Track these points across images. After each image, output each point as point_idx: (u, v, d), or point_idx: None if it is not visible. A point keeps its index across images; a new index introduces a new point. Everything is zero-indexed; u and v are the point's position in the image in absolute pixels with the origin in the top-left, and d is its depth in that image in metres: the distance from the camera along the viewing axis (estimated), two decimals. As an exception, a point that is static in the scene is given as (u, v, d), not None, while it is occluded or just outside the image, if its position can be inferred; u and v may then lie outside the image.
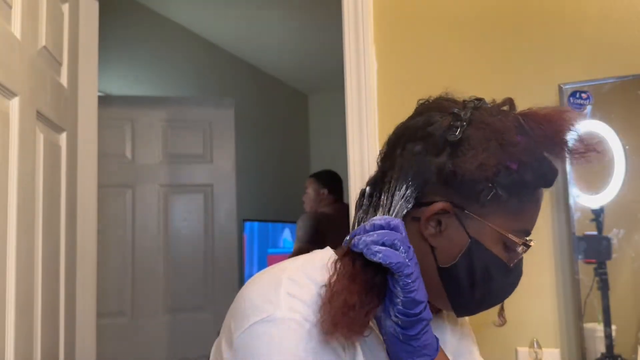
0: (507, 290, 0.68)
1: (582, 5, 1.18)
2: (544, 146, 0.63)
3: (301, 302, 0.57)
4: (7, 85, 0.94)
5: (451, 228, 0.63)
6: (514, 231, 0.63)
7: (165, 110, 2.64)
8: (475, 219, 0.62)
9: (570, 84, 1.15)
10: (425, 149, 0.63)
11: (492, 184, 0.60)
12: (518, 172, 0.61)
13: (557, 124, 0.63)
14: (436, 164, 0.62)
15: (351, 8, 1.33)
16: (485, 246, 0.62)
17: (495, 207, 0.62)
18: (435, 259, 0.63)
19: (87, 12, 1.52)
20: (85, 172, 1.49)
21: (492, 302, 0.68)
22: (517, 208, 0.63)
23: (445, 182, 0.62)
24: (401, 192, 0.63)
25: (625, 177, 1.11)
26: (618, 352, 1.08)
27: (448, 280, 0.64)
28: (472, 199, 0.61)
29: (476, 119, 0.63)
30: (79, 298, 1.42)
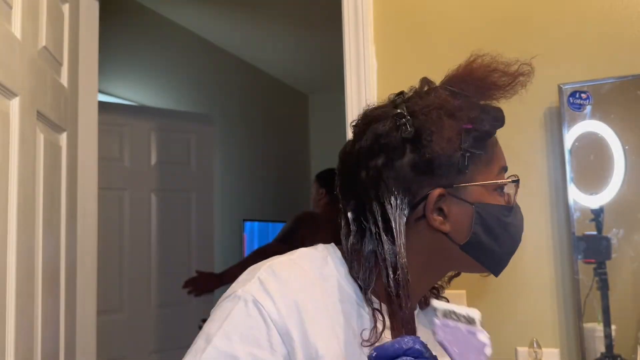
0: (520, 227, 0.71)
1: (582, 5, 1.18)
2: (479, 96, 0.68)
3: (265, 289, 0.61)
4: (7, 85, 0.95)
5: (453, 207, 0.66)
6: (498, 175, 0.69)
7: (153, 120, 2.73)
8: (466, 187, 0.66)
9: (570, 84, 1.15)
10: (389, 157, 0.66)
11: (462, 151, 0.65)
12: (475, 129, 0.66)
13: (477, 73, 0.68)
14: (407, 164, 0.65)
15: (351, 8, 1.33)
16: (487, 203, 0.67)
17: (473, 167, 0.66)
18: (453, 242, 0.67)
19: (87, 12, 1.52)
20: (85, 172, 1.49)
21: (515, 245, 0.71)
22: (489, 156, 0.68)
23: (424, 173, 0.65)
24: (393, 205, 0.65)
25: (625, 177, 1.11)
26: (618, 352, 1.09)
27: (474, 250, 0.67)
28: (453, 172, 0.65)
29: (414, 109, 0.66)
30: (79, 298, 1.42)
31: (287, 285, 0.63)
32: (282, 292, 0.62)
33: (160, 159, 2.78)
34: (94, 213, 1.54)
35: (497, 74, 0.68)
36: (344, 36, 1.34)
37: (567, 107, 1.15)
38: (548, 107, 1.19)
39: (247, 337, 0.59)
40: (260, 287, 0.62)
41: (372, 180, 0.66)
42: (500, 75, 0.68)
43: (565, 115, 1.15)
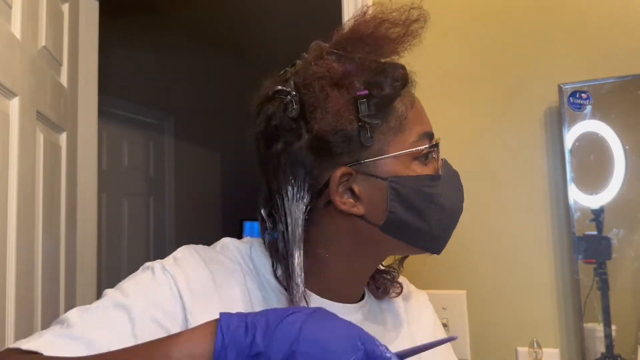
0: (454, 196, 0.63)
1: (582, 5, 1.18)
2: (372, 54, 0.59)
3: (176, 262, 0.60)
4: (7, 85, 0.95)
5: (364, 186, 0.58)
6: (415, 142, 0.59)
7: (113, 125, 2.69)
8: (375, 162, 0.57)
9: (570, 83, 1.15)
10: (285, 142, 0.58)
11: (359, 122, 0.56)
12: (373, 94, 0.57)
13: (364, 28, 0.59)
14: (303, 146, 0.57)
15: (351, 8, 1.33)
16: (403, 175, 0.58)
17: (381, 137, 0.58)
18: (371, 224, 0.59)
19: (87, 12, 1.52)
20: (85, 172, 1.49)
21: (450, 217, 0.62)
22: (399, 122, 0.59)
23: (322, 154, 0.57)
24: (289, 196, 0.58)
25: (625, 177, 1.11)
26: (618, 352, 1.09)
27: (396, 230, 0.59)
28: (356, 148, 0.57)
29: (298, 82, 0.58)
30: (79, 298, 1.42)
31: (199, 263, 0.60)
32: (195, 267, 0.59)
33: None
34: (93, 213, 1.54)
35: (386, 26, 0.59)
36: (344, 36, 1.34)
37: (567, 107, 1.15)
38: (548, 107, 1.19)
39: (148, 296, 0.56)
40: (173, 261, 0.60)
41: (271, 167, 0.60)
42: (390, 26, 0.59)
43: (566, 115, 1.15)
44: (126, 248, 2.69)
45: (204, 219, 3.35)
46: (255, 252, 0.66)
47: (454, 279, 1.23)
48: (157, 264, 0.59)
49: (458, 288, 1.22)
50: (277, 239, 0.60)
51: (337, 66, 0.57)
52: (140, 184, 2.85)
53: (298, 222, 0.57)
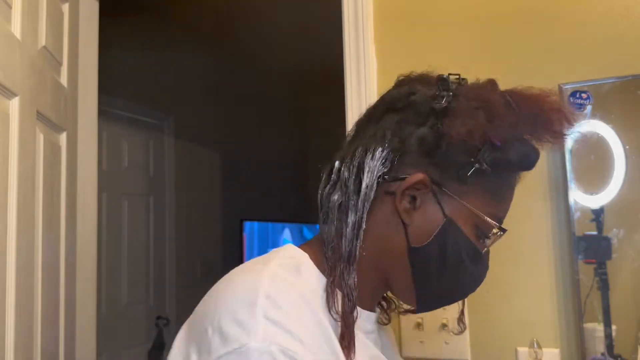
0: (473, 281, 0.64)
1: (582, 5, 1.18)
2: (528, 125, 0.59)
3: (281, 328, 0.49)
4: (7, 85, 0.94)
5: (427, 204, 0.59)
6: (489, 214, 0.60)
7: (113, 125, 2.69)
8: (452, 198, 0.58)
9: (570, 83, 1.15)
10: (406, 118, 0.59)
11: (474, 159, 0.57)
12: (502, 150, 0.57)
13: (542, 103, 0.60)
14: (418, 134, 0.58)
15: (351, 8, 1.33)
16: (460, 227, 0.59)
17: (474, 186, 0.59)
18: (407, 238, 0.59)
19: (87, 12, 1.52)
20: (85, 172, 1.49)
21: (456, 294, 0.64)
22: (496, 190, 0.60)
23: (426, 154, 0.58)
24: (376, 155, 0.58)
25: (625, 177, 1.11)
26: (618, 352, 1.08)
27: (418, 262, 0.59)
28: (451, 174, 0.58)
29: (462, 91, 0.60)
30: (79, 298, 1.42)
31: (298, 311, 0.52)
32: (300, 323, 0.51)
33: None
34: (93, 213, 1.54)
35: (558, 117, 0.59)
36: (344, 36, 1.34)
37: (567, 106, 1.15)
38: (548, 107, 1.19)
39: None
40: (277, 328, 0.49)
41: (374, 129, 0.60)
42: (562, 120, 0.59)
43: (566, 115, 1.15)
44: (126, 248, 2.68)
45: (204, 219, 3.34)
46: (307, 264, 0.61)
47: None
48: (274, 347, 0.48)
49: (458, 288, 1.22)
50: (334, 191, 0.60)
51: (500, 105, 0.59)
52: (140, 184, 2.85)
53: (374, 183, 0.58)
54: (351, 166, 0.59)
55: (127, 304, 2.66)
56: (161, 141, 3.02)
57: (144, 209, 2.85)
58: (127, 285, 2.66)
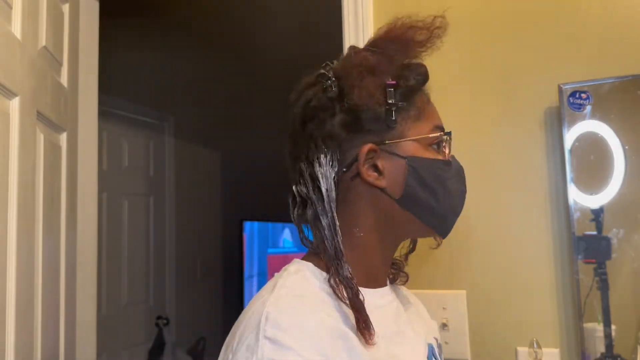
0: (460, 185, 0.73)
1: (582, 5, 1.18)
2: (399, 53, 0.70)
3: (279, 345, 0.55)
4: (7, 85, 0.95)
5: (386, 162, 0.68)
6: (430, 131, 0.70)
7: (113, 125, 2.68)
8: (398, 143, 0.68)
9: (570, 84, 1.15)
10: (321, 120, 0.68)
11: (387, 105, 0.67)
12: (399, 84, 0.68)
13: (395, 31, 0.71)
14: (337, 122, 0.67)
15: (351, 8, 1.33)
16: (420, 157, 0.68)
17: (402, 123, 0.68)
18: (390, 196, 0.68)
19: (87, 12, 1.52)
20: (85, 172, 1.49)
21: (455, 203, 0.72)
22: (420, 112, 0.70)
23: (354, 130, 0.67)
24: (322, 163, 0.66)
25: (625, 177, 1.11)
26: (618, 352, 1.09)
27: (411, 204, 0.68)
28: (383, 128, 0.67)
29: (339, 71, 0.69)
30: (79, 298, 1.42)
31: (298, 327, 0.57)
32: (302, 337, 0.56)
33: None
34: (93, 213, 1.54)
35: (414, 30, 0.71)
36: (344, 36, 1.34)
37: (567, 107, 1.15)
38: (548, 107, 1.19)
39: None
40: (276, 346, 0.54)
41: (304, 142, 0.68)
42: (417, 30, 0.71)
43: (565, 115, 1.15)
44: (126, 248, 2.69)
45: (204, 219, 3.35)
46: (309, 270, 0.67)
47: (454, 279, 1.23)
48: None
49: (458, 288, 1.22)
50: (305, 209, 0.68)
51: (371, 57, 0.68)
52: (140, 184, 2.85)
53: (331, 184, 0.66)
54: (305, 182, 0.67)
55: (127, 304, 2.66)
56: (161, 141, 3.02)
57: (144, 209, 2.85)
58: (127, 285, 2.66)
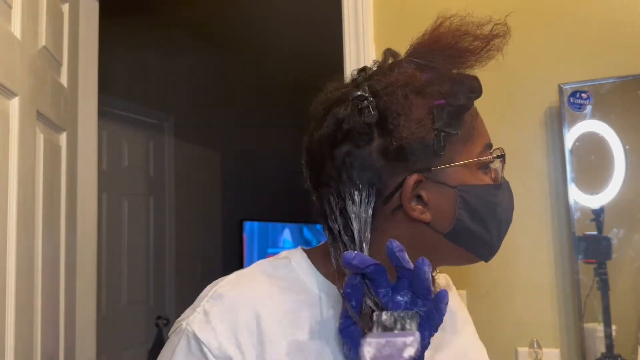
0: (510, 206, 0.65)
1: (582, 5, 1.18)
2: (450, 65, 0.60)
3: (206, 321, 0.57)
4: (7, 85, 0.94)
5: (433, 193, 0.59)
6: (481, 153, 0.61)
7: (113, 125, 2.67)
8: (446, 170, 0.59)
9: (570, 83, 1.15)
10: (355, 144, 0.58)
11: (436, 130, 0.57)
12: (449, 104, 0.58)
13: (445, 39, 0.60)
14: (376, 150, 0.58)
15: (351, 8, 1.33)
16: (471, 184, 0.59)
17: (451, 146, 0.59)
18: (436, 231, 0.59)
19: (87, 12, 1.52)
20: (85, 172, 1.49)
21: (505, 226, 0.65)
22: (469, 132, 0.61)
23: (396, 159, 0.57)
24: (356, 201, 0.57)
25: (625, 177, 1.11)
26: (618, 352, 1.08)
27: (460, 238, 0.60)
28: (429, 155, 0.58)
29: (377, 88, 0.59)
30: (79, 298, 1.42)
31: (234, 308, 0.57)
32: (228, 319, 0.56)
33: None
34: (93, 213, 1.54)
35: (469, 38, 0.61)
36: (344, 36, 1.34)
37: (567, 107, 1.15)
38: (548, 107, 1.19)
39: None
40: (204, 318, 0.57)
41: (337, 170, 0.59)
42: (472, 39, 0.61)
43: (566, 115, 1.15)
44: (126, 248, 2.68)
45: (204, 219, 3.34)
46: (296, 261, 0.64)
47: (454, 279, 1.23)
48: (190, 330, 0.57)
49: (458, 288, 1.22)
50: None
51: (418, 74, 0.58)
52: (140, 184, 2.85)
53: (367, 225, 0.57)
54: (336, 218, 0.59)
55: (127, 304, 2.66)
56: (161, 141, 3.02)
57: (144, 209, 2.85)
58: (127, 285, 2.66)
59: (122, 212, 2.69)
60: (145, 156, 2.91)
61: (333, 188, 0.59)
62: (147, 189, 2.89)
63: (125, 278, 2.65)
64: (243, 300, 0.58)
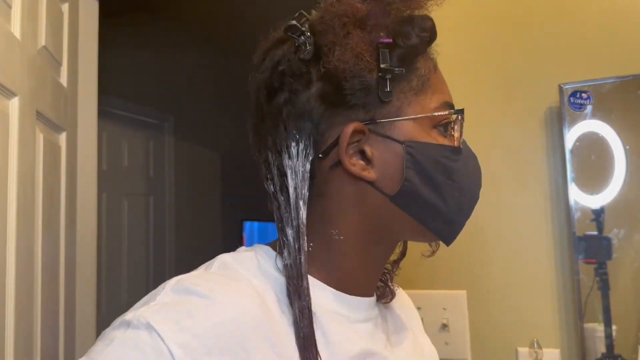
0: (474, 177, 0.56)
1: (583, 5, 1.18)
2: (398, 1, 0.52)
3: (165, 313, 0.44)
4: (7, 85, 0.94)
5: (377, 148, 0.51)
6: (435, 109, 0.52)
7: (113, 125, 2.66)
8: (393, 122, 0.50)
9: (571, 83, 1.15)
10: (291, 90, 0.51)
11: (380, 72, 0.49)
12: (397, 43, 0.50)
13: None
14: (313, 94, 0.50)
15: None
16: (422, 141, 0.51)
17: (400, 95, 0.51)
18: (382, 192, 0.51)
19: (87, 12, 1.52)
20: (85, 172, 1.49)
21: (468, 199, 0.55)
22: (423, 82, 0.53)
23: (335, 104, 0.50)
24: (292, 154, 0.50)
25: (626, 177, 1.11)
26: (618, 352, 1.08)
27: (409, 203, 0.51)
28: (374, 102, 0.50)
29: (315, 23, 0.51)
30: (79, 298, 1.42)
31: (208, 309, 0.44)
32: (198, 319, 0.43)
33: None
34: (93, 213, 1.54)
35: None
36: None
37: (567, 106, 1.15)
38: (549, 107, 1.19)
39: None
40: (162, 309, 0.44)
41: (273, 122, 0.51)
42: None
43: (566, 115, 1.15)
44: (126, 248, 2.69)
45: (204, 219, 3.35)
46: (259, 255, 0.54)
47: (454, 279, 1.23)
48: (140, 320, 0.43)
49: (458, 288, 1.22)
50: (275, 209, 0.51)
51: (361, 6, 0.51)
52: (140, 184, 2.85)
53: (305, 182, 0.50)
54: (273, 177, 0.52)
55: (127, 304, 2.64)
56: (161, 141, 3.02)
57: (144, 209, 2.85)
58: (127, 285, 2.66)
59: (122, 212, 2.69)
60: (145, 156, 2.91)
61: (270, 142, 0.52)
62: (147, 189, 2.90)
63: (125, 278, 2.65)
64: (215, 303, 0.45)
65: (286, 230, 0.50)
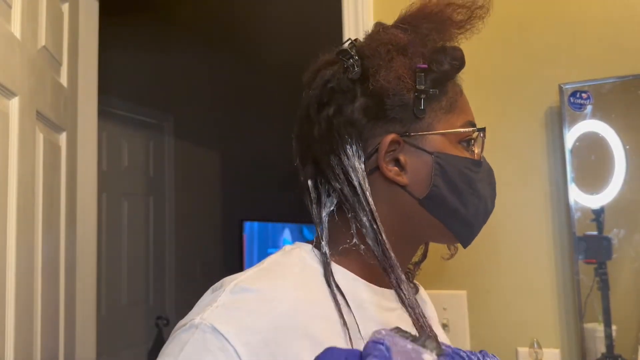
0: (490, 189, 0.66)
1: (583, 5, 1.18)
2: (435, 35, 0.62)
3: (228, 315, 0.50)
4: (7, 85, 0.94)
5: (410, 157, 0.60)
6: (461, 126, 0.63)
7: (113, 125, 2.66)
8: (425, 136, 0.60)
9: (571, 83, 1.15)
10: (339, 104, 0.60)
11: (416, 92, 0.59)
12: (432, 68, 0.60)
13: (430, 8, 0.63)
14: (358, 108, 0.60)
15: (351, 8, 1.33)
16: (448, 154, 0.61)
17: (433, 113, 0.61)
18: (412, 196, 0.60)
19: (87, 12, 1.52)
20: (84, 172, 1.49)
21: (484, 209, 0.64)
22: (451, 103, 0.63)
23: (376, 117, 0.60)
24: (349, 154, 0.59)
25: (626, 177, 1.11)
26: (618, 352, 1.08)
27: (435, 206, 0.61)
28: (409, 117, 0.60)
29: (363, 48, 0.61)
30: (79, 298, 1.42)
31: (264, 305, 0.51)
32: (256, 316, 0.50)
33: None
34: (93, 213, 1.54)
35: (452, 8, 0.63)
36: (344, 36, 1.34)
37: (567, 107, 1.15)
38: (549, 107, 1.19)
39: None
40: (224, 312, 0.50)
41: (325, 132, 0.61)
42: (455, 8, 0.63)
43: (566, 115, 1.15)
44: (126, 248, 2.68)
45: (204, 219, 3.34)
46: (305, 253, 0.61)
47: (454, 279, 1.23)
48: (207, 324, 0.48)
49: (458, 288, 1.22)
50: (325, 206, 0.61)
51: (402, 36, 0.60)
52: (140, 184, 2.85)
53: (363, 177, 0.59)
54: (337, 177, 0.60)
55: (127, 304, 2.65)
56: (161, 141, 3.02)
57: (144, 209, 2.85)
58: (127, 285, 2.66)
59: (122, 212, 2.69)
60: (145, 156, 2.91)
61: (327, 148, 0.61)
62: (147, 189, 2.89)
63: (125, 278, 2.65)
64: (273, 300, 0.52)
65: (360, 217, 0.59)
